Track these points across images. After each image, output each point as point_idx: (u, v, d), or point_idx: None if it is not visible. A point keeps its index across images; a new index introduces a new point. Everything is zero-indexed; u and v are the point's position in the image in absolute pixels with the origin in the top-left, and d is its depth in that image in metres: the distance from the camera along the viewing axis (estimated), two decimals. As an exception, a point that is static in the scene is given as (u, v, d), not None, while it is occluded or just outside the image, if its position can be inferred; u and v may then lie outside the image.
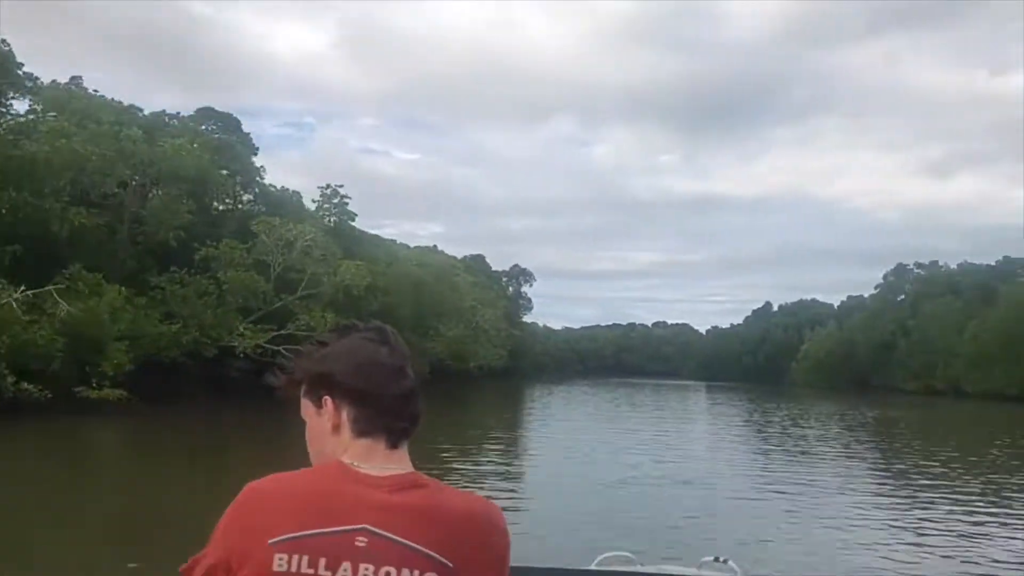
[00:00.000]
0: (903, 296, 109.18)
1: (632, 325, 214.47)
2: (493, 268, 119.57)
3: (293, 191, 53.20)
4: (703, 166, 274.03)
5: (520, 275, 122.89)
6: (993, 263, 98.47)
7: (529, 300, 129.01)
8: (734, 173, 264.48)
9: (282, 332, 37.66)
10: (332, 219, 57.11)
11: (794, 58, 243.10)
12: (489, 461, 21.39)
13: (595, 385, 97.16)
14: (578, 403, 57.49)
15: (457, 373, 67.05)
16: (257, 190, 46.67)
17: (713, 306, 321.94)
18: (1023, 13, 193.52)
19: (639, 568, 3.68)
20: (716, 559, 3.98)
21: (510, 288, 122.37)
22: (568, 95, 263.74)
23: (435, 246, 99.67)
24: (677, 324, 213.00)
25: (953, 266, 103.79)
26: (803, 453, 26.07)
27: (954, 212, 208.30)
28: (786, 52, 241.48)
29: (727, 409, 57.57)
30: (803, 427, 38.94)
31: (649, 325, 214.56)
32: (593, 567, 3.61)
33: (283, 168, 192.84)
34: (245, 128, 49.93)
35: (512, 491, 16.33)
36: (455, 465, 18.86)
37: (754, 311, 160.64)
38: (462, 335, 61.37)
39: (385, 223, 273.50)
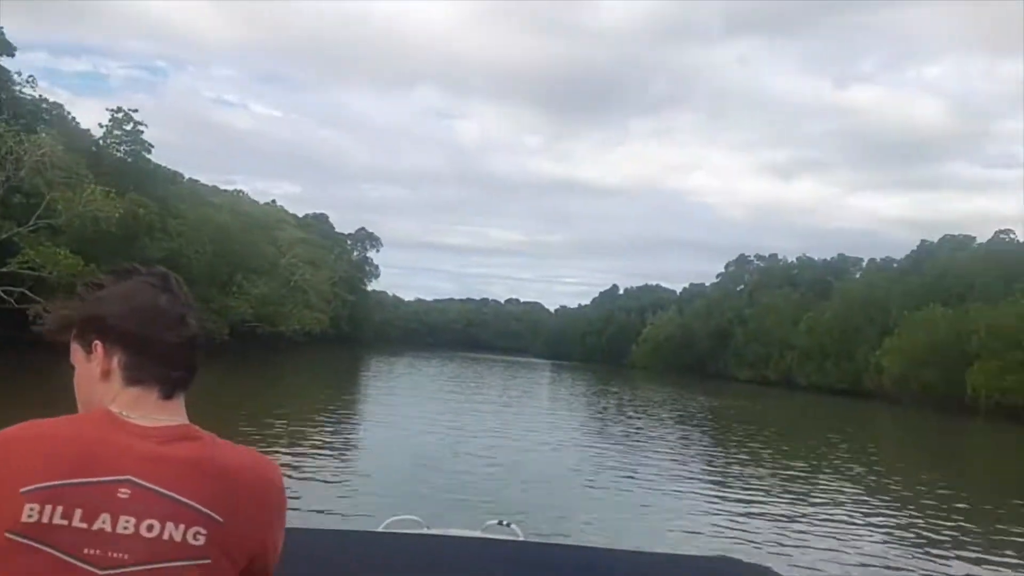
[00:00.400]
0: (742, 287, 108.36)
1: (485, 300, 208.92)
2: (338, 230, 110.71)
3: (54, 103, 43.55)
4: (565, 150, 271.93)
5: (367, 239, 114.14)
6: (829, 259, 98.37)
7: (376, 267, 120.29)
8: (595, 159, 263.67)
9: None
10: (123, 149, 47.85)
11: (657, 52, 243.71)
12: (286, 428, 19.03)
13: (437, 358, 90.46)
14: (408, 375, 50.65)
15: (274, 337, 58.63)
16: (3, 96, 36.73)
17: (567, 287, 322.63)
18: (870, 30, 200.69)
19: (424, 531, 3.39)
20: (500, 523, 3.98)
21: (355, 252, 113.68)
22: (437, 66, 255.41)
23: (274, 201, 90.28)
24: (529, 302, 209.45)
25: (792, 259, 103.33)
26: (624, 435, 25.21)
27: (795, 214, 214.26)
28: (650, 46, 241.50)
29: (562, 388, 52.67)
30: (628, 410, 37.04)
31: (502, 302, 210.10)
32: (380, 529, 3.38)
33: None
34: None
35: (308, 455, 15.38)
36: (246, 430, 16.53)
37: (601, 293, 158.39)
38: (273, 295, 52.85)
39: (236, 179, 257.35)
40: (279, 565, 1.40)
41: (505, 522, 4.08)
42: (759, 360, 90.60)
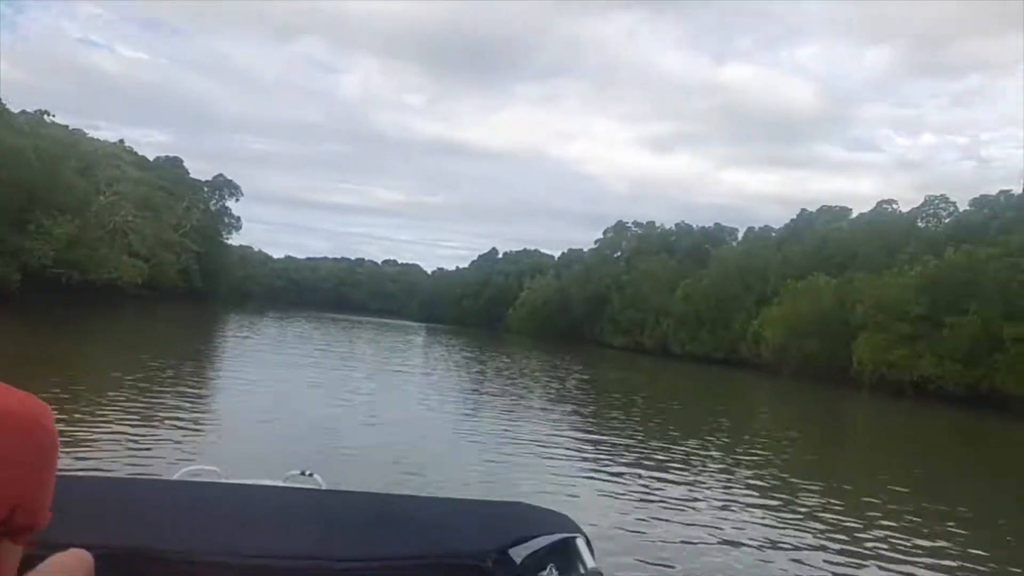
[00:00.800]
0: (620, 253, 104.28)
1: (360, 260, 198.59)
2: (193, 176, 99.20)
3: None
4: (449, 111, 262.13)
5: (225, 187, 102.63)
6: (708, 226, 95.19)
7: (237, 219, 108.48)
8: (478, 122, 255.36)
9: None
10: None
11: (546, 19, 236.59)
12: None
13: (300, 319, 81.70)
14: (251, 338, 42.54)
15: (99, 288, 48.81)
16: None
17: (447, 251, 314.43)
18: (748, 9, 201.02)
19: (222, 480, 3.21)
20: (302, 473, 3.70)
21: (213, 201, 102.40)
22: (319, 17, 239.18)
23: (122, 141, 78.37)
24: (407, 264, 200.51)
25: (671, 227, 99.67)
26: (488, 401, 22.71)
27: (672, 187, 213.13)
28: (539, 12, 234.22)
29: (431, 351, 45.74)
30: (498, 377, 32.12)
31: (379, 263, 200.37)
32: (175, 478, 3.24)
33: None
34: None
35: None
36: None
37: (480, 256, 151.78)
38: (83, 237, 43.21)
39: (101, 124, 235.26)
40: (61, 514, 1.29)
41: (307, 472, 3.71)
42: (635, 327, 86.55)
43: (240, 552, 2.07)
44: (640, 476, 12.63)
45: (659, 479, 12.54)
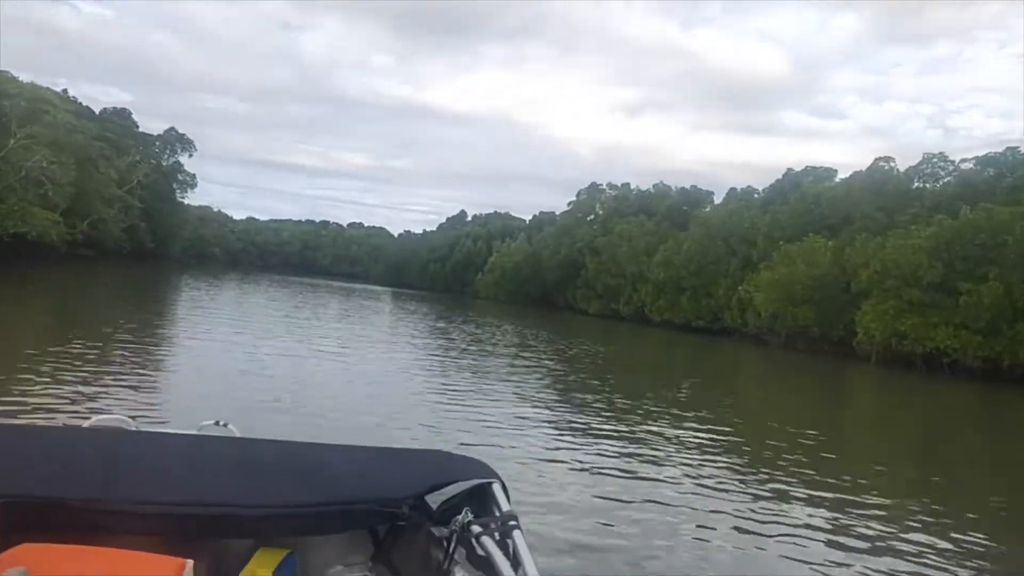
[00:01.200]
0: (593, 216, 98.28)
1: (325, 223, 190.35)
2: (143, 129, 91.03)
3: None
4: (415, 72, 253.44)
5: (177, 141, 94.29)
6: (687, 187, 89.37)
7: (192, 176, 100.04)
8: (446, 85, 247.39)
9: None
10: None
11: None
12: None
13: (261, 282, 74.89)
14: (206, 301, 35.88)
15: (22, 247, 41.34)
16: None
17: (415, 215, 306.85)
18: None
19: (132, 428, 3.06)
20: (216, 423, 3.51)
21: (166, 158, 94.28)
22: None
23: (66, 90, 70.12)
24: (374, 227, 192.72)
25: (649, 188, 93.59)
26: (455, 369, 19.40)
27: (639, 153, 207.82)
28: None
29: (396, 318, 39.66)
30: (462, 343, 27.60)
31: (344, 225, 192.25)
32: (85, 426, 3.05)
33: None
34: None
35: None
36: None
37: (448, 218, 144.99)
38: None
39: (61, 82, 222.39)
40: None
41: (222, 422, 3.52)
42: (610, 293, 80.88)
43: (151, 499, 1.98)
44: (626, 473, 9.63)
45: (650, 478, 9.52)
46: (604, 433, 12.12)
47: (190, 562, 1.83)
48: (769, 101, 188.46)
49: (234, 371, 14.25)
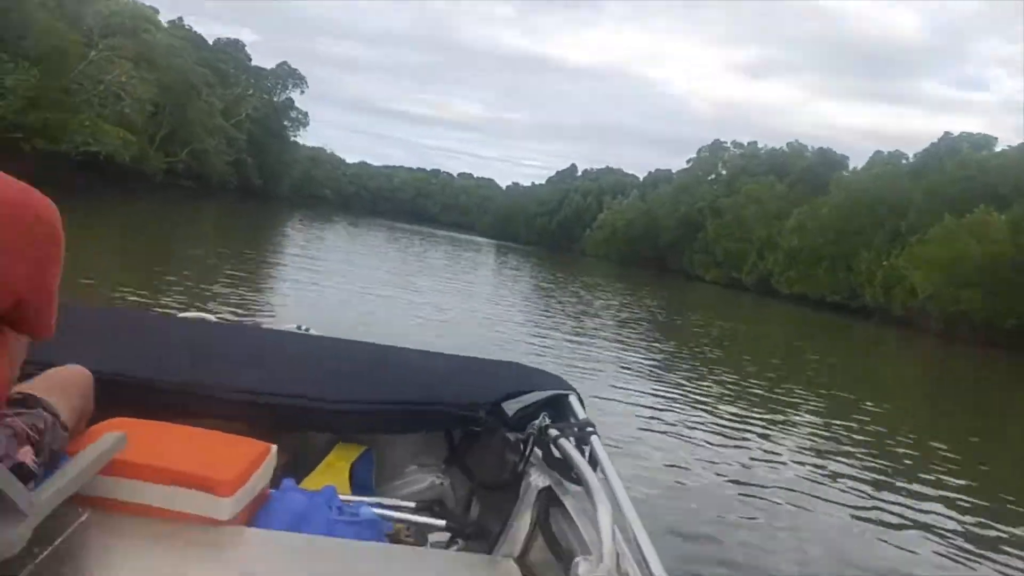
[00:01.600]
0: (714, 175, 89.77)
1: (436, 172, 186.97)
2: (256, 63, 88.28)
3: None
4: (536, 24, 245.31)
5: (288, 76, 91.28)
6: (825, 147, 79.66)
7: (304, 114, 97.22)
8: (565, 38, 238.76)
9: None
10: None
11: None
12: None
13: (369, 229, 71.16)
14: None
15: (114, 173, 37.82)
16: None
17: (527, 169, 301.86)
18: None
19: (214, 320, 3.33)
20: (298, 327, 3.52)
21: (277, 93, 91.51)
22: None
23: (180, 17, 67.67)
24: (483, 178, 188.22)
25: (779, 146, 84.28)
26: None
27: (759, 114, 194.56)
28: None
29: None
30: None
31: (455, 175, 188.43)
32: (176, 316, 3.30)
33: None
34: None
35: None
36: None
37: (558, 172, 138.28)
38: (48, 93, 32.22)
39: (190, 20, 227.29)
40: (64, 336, 1.31)
41: (304, 327, 3.50)
42: (731, 259, 72.90)
43: (236, 387, 2.02)
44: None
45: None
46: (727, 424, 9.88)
47: (274, 447, 1.81)
48: (904, 69, 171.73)
49: (334, 301, 13.96)
